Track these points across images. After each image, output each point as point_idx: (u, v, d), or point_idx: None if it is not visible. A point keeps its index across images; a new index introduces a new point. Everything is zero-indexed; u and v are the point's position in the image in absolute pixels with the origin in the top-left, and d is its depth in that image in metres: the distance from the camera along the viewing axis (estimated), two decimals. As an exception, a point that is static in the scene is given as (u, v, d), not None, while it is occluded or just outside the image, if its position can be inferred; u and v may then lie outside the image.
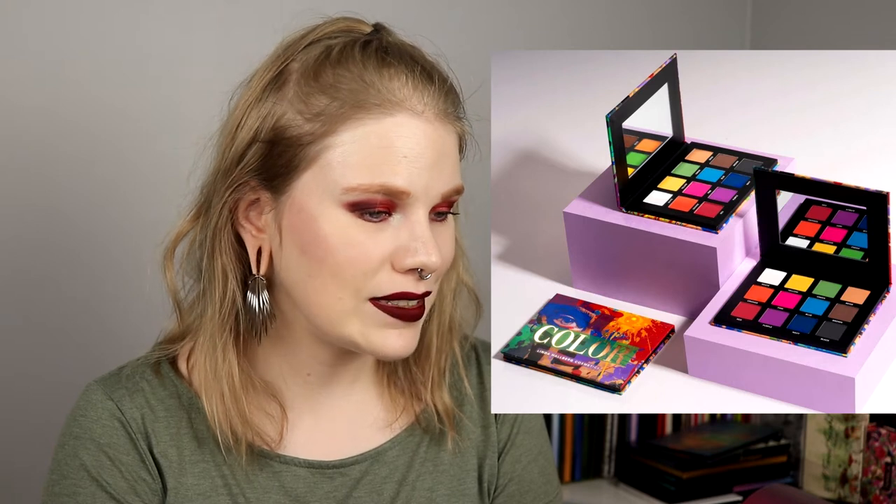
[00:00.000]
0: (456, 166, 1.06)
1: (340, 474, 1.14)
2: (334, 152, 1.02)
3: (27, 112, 1.65)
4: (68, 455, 1.10)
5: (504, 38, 2.06)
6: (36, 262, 1.68)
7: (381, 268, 1.03)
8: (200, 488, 1.11)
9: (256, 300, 1.08)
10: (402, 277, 1.03)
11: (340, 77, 1.03)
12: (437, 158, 1.03)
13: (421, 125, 1.03)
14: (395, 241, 1.03)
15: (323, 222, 1.02)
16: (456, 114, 1.07)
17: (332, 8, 1.13)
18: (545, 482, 1.25)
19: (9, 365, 1.68)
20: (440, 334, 1.16)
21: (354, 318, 1.04)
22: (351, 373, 1.15)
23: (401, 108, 1.02)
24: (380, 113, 1.02)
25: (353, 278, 1.03)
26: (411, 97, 1.03)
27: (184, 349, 1.14)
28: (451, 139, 1.06)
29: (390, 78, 1.03)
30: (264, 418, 1.12)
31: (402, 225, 1.03)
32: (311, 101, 1.02)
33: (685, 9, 2.27)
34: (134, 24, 1.72)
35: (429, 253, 1.02)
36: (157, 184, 1.72)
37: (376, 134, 1.02)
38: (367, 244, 1.02)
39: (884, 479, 2.00)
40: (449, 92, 1.07)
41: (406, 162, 1.01)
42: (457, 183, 1.06)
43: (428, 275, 1.04)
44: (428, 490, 1.17)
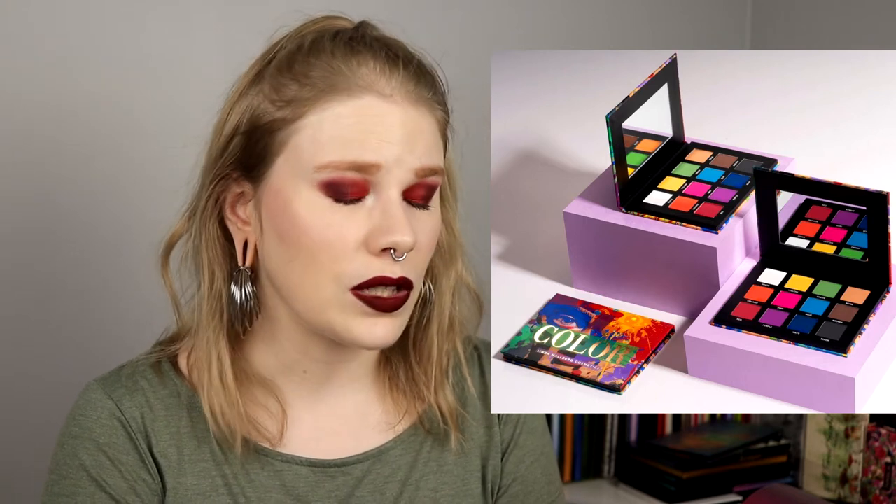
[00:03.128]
0: (432, 148, 1.06)
1: (342, 473, 1.14)
2: (304, 134, 1.04)
3: (29, 109, 1.65)
4: (68, 455, 1.10)
5: (504, 38, 2.06)
6: (36, 261, 1.68)
7: (356, 252, 1.03)
8: (200, 488, 1.10)
9: (239, 292, 1.09)
10: (378, 261, 1.03)
11: (311, 65, 1.05)
12: (408, 136, 1.04)
13: (389, 107, 1.04)
14: (370, 222, 1.04)
15: (297, 205, 1.04)
16: (433, 99, 1.08)
17: (333, 8, 1.13)
18: (548, 482, 1.25)
19: (9, 364, 1.68)
20: (441, 333, 1.16)
21: (335, 307, 1.05)
22: (349, 372, 1.15)
23: (368, 91, 1.04)
24: (347, 96, 1.04)
25: (329, 262, 1.03)
26: (378, 81, 1.05)
27: (184, 348, 1.14)
28: (426, 122, 1.06)
29: (358, 64, 1.05)
30: (262, 413, 1.12)
31: (376, 206, 1.04)
32: (283, 89, 1.05)
33: (685, 9, 2.27)
34: (134, 24, 1.72)
35: (401, 232, 1.02)
36: (158, 181, 1.72)
37: (344, 115, 1.04)
38: (341, 225, 1.03)
39: (884, 479, 2.00)
40: (422, 77, 1.07)
41: (374, 137, 1.03)
42: (432, 162, 1.06)
43: (402, 256, 1.03)
44: (432, 490, 1.17)
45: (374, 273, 1.03)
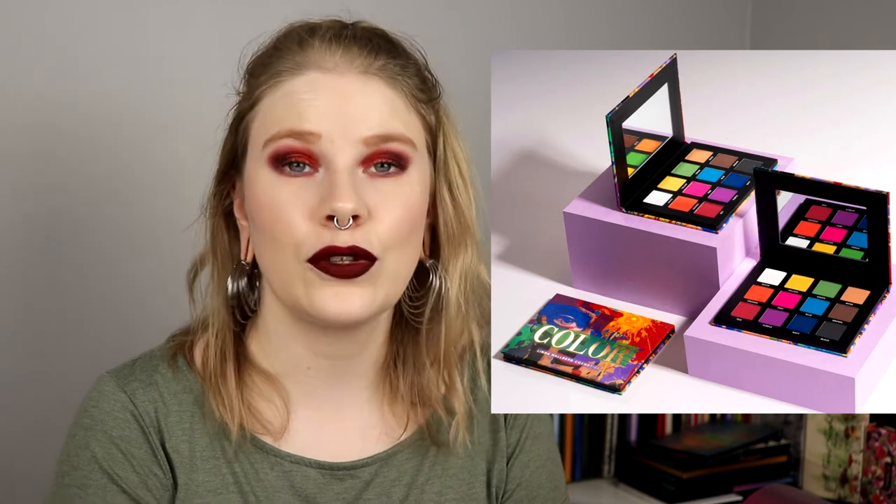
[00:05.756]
0: (389, 116, 1.07)
1: (350, 476, 1.14)
2: (258, 117, 1.08)
3: (31, 107, 1.65)
4: (79, 446, 1.10)
5: (504, 38, 2.06)
6: (40, 258, 1.68)
7: (306, 224, 1.04)
8: (211, 485, 1.11)
9: (232, 286, 1.13)
10: (327, 231, 1.04)
11: (270, 58, 1.09)
12: (353, 105, 1.05)
13: (332, 79, 1.06)
14: (318, 194, 1.05)
15: (257, 186, 1.07)
16: (394, 70, 1.08)
17: (333, 8, 1.13)
18: (553, 488, 1.25)
19: (12, 363, 1.68)
20: (448, 322, 1.13)
21: (298, 280, 1.06)
22: (354, 371, 1.15)
23: (310, 68, 1.07)
24: (290, 75, 1.07)
25: (284, 236, 1.05)
26: (322, 57, 1.07)
27: (200, 341, 1.15)
28: (381, 92, 1.07)
29: (307, 46, 1.08)
30: (265, 405, 1.13)
31: (325, 178, 1.05)
32: (249, 83, 1.10)
33: (685, 9, 2.27)
34: (134, 23, 1.72)
35: (340, 199, 1.03)
36: (175, 178, 1.72)
37: (289, 92, 1.06)
38: (290, 198, 1.05)
39: (884, 479, 2.00)
40: (381, 50, 1.08)
41: (313, 108, 1.05)
42: (388, 129, 1.06)
43: (346, 224, 1.03)
44: (437, 494, 1.17)
45: (324, 243, 1.04)
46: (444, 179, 1.12)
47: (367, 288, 1.06)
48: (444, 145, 1.12)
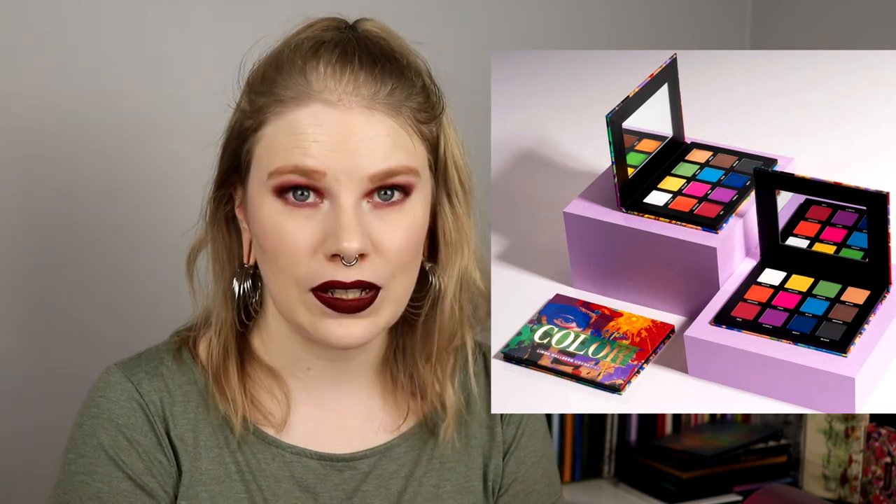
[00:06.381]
0: (393, 149, 1.06)
1: (350, 467, 1.16)
2: (263, 143, 1.07)
3: (31, 107, 1.65)
4: (86, 434, 1.11)
5: (504, 38, 2.06)
6: (42, 259, 1.68)
7: (310, 256, 1.05)
8: (214, 473, 1.12)
9: (238, 288, 1.14)
10: (331, 265, 1.04)
11: (275, 76, 1.08)
12: (358, 142, 1.04)
13: (335, 114, 1.05)
14: (323, 228, 1.05)
15: (261, 211, 1.07)
16: (399, 98, 1.07)
17: (334, 8, 1.13)
18: (548, 484, 1.27)
19: (15, 364, 1.68)
20: (442, 328, 1.15)
21: (301, 307, 1.07)
22: (353, 370, 1.17)
23: (314, 99, 1.05)
24: (295, 105, 1.06)
25: (287, 266, 1.06)
26: (327, 86, 1.05)
27: (205, 336, 1.16)
28: (384, 125, 1.06)
29: (311, 71, 1.06)
30: (267, 397, 1.15)
31: (330, 211, 1.05)
32: (253, 100, 1.09)
33: (685, 9, 2.27)
34: (134, 23, 1.72)
35: (346, 239, 1.03)
36: (175, 177, 1.72)
37: (292, 123, 1.05)
38: (294, 232, 1.05)
39: (884, 479, 2.00)
40: (385, 77, 1.07)
41: (317, 146, 1.04)
42: (393, 164, 1.06)
43: (351, 262, 1.04)
44: (434, 486, 1.19)
45: (327, 277, 1.05)
46: (444, 189, 1.13)
47: (370, 317, 1.08)
48: (444, 154, 1.12)
